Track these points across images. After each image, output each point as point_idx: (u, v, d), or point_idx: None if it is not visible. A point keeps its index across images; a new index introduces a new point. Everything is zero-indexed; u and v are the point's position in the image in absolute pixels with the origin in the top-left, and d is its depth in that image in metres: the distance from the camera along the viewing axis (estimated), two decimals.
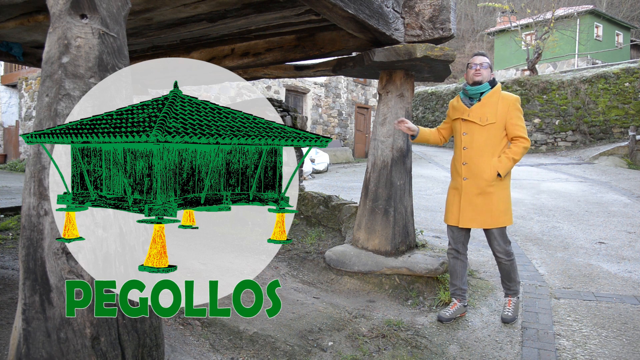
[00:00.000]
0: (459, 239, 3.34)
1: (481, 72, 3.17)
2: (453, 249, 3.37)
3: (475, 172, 3.16)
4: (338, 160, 16.37)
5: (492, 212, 3.15)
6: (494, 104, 3.15)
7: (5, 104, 16.10)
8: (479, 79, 3.17)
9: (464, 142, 3.22)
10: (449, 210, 3.34)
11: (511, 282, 3.36)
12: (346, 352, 2.80)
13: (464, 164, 3.21)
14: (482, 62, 3.18)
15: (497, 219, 3.17)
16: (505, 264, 3.29)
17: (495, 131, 3.15)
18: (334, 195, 5.70)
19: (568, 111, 17.57)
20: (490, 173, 3.12)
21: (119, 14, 1.93)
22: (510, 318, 3.28)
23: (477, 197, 3.17)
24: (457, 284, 3.39)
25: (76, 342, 1.75)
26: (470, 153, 3.18)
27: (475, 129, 3.17)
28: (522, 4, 24.48)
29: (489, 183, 3.14)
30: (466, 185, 3.20)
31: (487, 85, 3.18)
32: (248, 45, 4.75)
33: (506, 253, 3.26)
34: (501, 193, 3.18)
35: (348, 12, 3.22)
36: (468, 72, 3.25)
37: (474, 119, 3.17)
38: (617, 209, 7.51)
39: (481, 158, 3.15)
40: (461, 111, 3.25)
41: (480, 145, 3.16)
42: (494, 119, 3.13)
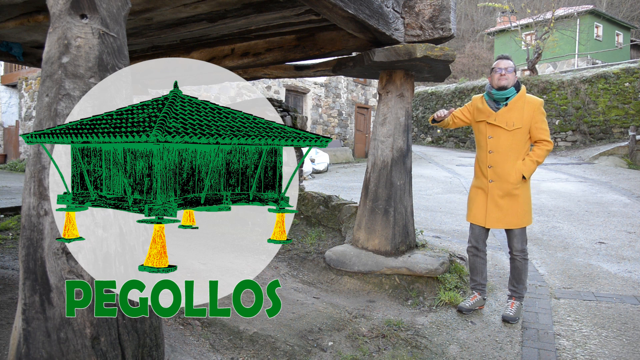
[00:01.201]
0: (480, 237, 3.42)
1: (507, 76, 3.18)
2: (473, 246, 3.44)
3: (501, 175, 3.22)
4: (338, 160, 16.37)
5: (517, 213, 3.23)
6: (520, 109, 3.18)
7: (5, 104, 16.10)
8: (504, 84, 3.18)
9: (489, 146, 3.26)
10: (474, 209, 3.38)
11: (519, 285, 3.38)
12: (346, 352, 2.80)
13: (490, 167, 3.26)
14: (507, 67, 3.19)
15: (521, 219, 3.25)
16: (521, 262, 3.33)
17: (521, 135, 3.19)
18: (334, 195, 5.70)
19: (568, 111, 17.57)
20: (516, 176, 3.19)
21: (119, 14, 1.93)
22: (512, 318, 3.29)
23: (503, 199, 3.23)
24: (477, 279, 3.49)
25: (76, 342, 1.75)
26: (496, 157, 3.23)
27: (502, 133, 3.21)
28: (522, 4, 24.47)
29: (514, 186, 3.20)
30: (492, 187, 3.26)
31: (513, 90, 3.20)
32: (248, 45, 4.75)
33: (523, 252, 3.33)
34: (525, 194, 3.26)
35: (348, 12, 3.22)
36: (493, 76, 3.25)
37: (501, 124, 3.20)
38: (617, 209, 7.51)
39: (506, 162, 3.20)
40: (487, 114, 3.27)
41: (506, 149, 3.20)
42: (520, 124, 3.17)
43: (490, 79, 3.29)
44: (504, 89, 3.19)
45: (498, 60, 3.26)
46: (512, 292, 3.43)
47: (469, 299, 3.48)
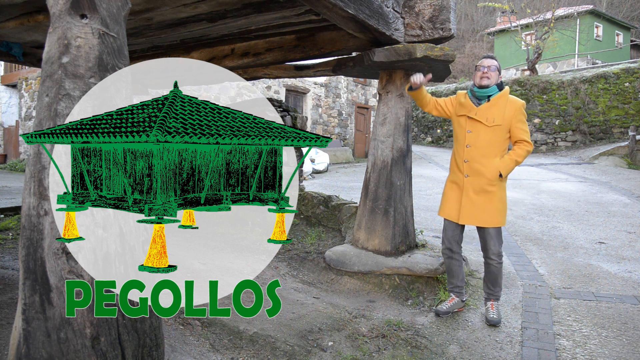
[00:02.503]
0: (454, 237, 3.37)
1: (489, 74, 3.20)
2: (447, 248, 3.40)
3: (477, 170, 3.20)
4: (338, 160, 16.37)
5: (491, 211, 3.20)
6: (502, 106, 3.19)
7: (5, 104, 16.09)
8: (486, 83, 3.20)
9: (467, 140, 3.25)
10: (448, 205, 3.35)
11: (496, 287, 3.36)
12: (346, 352, 2.80)
13: (466, 162, 3.24)
14: (490, 65, 3.21)
15: (495, 218, 3.21)
16: (497, 266, 3.30)
17: (500, 133, 3.19)
18: (334, 195, 5.70)
19: (568, 111, 17.57)
20: (493, 173, 3.17)
21: (119, 14, 1.93)
22: (497, 321, 3.27)
23: (478, 195, 3.21)
24: (454, 282, 3.45)
25: (76, 342, 1.75)
26: (473, 152, 3.22)
27: (481, 129, 3.20)
28: (522, 4, 24.47)
29: (490, 182, 3.18)
30: (467, 182, 3.24)
31: (495, 89, 3.22)
32: (248, 45, 4.75)
33: (499, 255, 3.29)
34: (501, 193, 3.23)
35: (348, 12, 3.22)
36: (476, 74, 3.28)
37: (481, 119, 3.20)
38: (617, 209, 7.51)
39: (484, 158, 3.19)
40: (468, 109, 3.27)
41: (484, 145, 3.19)
42: (500, 121, 3.17)
43: (474, 76, 3.32)
44: (486, 87, 3.21)
45: (482, 59, 3.29)
46: (489, 295, 3.39)
47: (447, 301, 3.44)
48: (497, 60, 3.31)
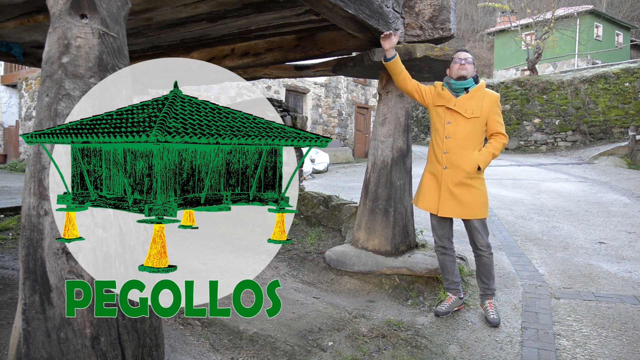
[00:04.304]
0: (444, 235, 3.39)
1: (466, 66, 3.21)
2: (440, 246, 3.42)
3: (456, 163, 3.20)
4: (338, 160, 16.37)
5: (471, 204, 3.20)
6: (480, 98, 3.21)
7: (5, 104, 16.10)
8: (463, 74, 3.21)
9: (447, 131, 3.24)
10: (425, 195, 3.34)
11: (490, 280, 3.35)
12: (346, 352, 2.80)
13: (445, 153, 3.24)
14: (466, 57, 3.23)
15: (476, 210, 3.21)
16: (488, 257, 3.30)
17: (478, 125, 3.21)
18: (334, 195, 5.70)
19: (568, 111, 17.57)
20: (472, 166, 3.17)
21: (119, 14, 1.93)
22: (498, 321, 3.26)
23: (457, 187, 3.20)
24: (449, 277, 3.45)
25: (76, 342, 1.75)
26: (452, 144, 3.21)
27: (460, 120, 3.21)
28: (522, 4, 24.47)
29: (469, 175, 3.18)
30: (446, 174, 3.23)
31: (472, 81, 3.23)
32: (248, 45, 4.75)
33: (488, 246, 3.29)
34: (480, 186, 3.24)
35: (348, 12, 3.22)
36: (452, 66, 3.28)
37: (460, 110, 3.20)
38: (617, 209, 7.51)
39: (463, 150, 3.19)
40: (447, 99, 3.27)
41: (464, 137, 3.20)
42: (478, 114, 3.19)
43: (449, 70, 3.32)
44: (463, 79, 3.21)
45: (457, 52, 3.29)
46: (485, 290, 3.37)
47: (445, 301, 3.43)
48: (472, 53, 3.33)
